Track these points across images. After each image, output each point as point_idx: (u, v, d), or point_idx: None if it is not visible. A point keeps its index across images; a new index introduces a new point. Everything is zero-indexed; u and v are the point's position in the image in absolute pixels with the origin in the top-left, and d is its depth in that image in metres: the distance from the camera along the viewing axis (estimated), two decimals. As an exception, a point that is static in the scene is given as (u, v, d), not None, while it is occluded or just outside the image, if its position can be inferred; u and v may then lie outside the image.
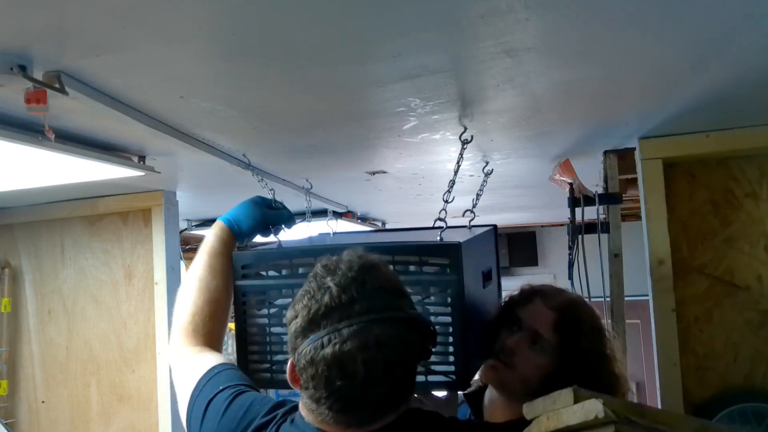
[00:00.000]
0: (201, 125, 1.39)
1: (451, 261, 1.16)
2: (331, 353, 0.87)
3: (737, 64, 1.17)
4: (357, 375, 0.87)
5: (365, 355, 0.87)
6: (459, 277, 1.15)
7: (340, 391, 0.89)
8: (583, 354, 1.19)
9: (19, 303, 2.35)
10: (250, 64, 1.04)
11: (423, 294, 1.18)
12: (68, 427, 2.27)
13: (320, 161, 1.87)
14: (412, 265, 1.18)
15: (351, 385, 0.88)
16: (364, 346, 0.87)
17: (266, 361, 1.30)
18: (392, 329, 0.89)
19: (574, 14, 0.89)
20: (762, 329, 1.69)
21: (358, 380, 0.88)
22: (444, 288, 1.16)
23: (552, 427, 0.90)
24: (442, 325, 1.16)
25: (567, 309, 1.25)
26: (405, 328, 0.91)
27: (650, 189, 1.73)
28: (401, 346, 0.90)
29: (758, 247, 1.71)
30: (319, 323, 0.90)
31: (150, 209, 2.21)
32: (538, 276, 5.11)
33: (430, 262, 1.18)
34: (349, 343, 0.87)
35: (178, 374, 1.21)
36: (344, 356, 0.87)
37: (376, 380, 0.89)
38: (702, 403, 1.69)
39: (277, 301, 1.29)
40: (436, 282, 1.17)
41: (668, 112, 1.50)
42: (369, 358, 0.87)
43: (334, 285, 0.91)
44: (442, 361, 1.17)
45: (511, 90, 1.23)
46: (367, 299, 0.90)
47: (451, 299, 1.16)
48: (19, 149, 1.25)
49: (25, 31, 0.86)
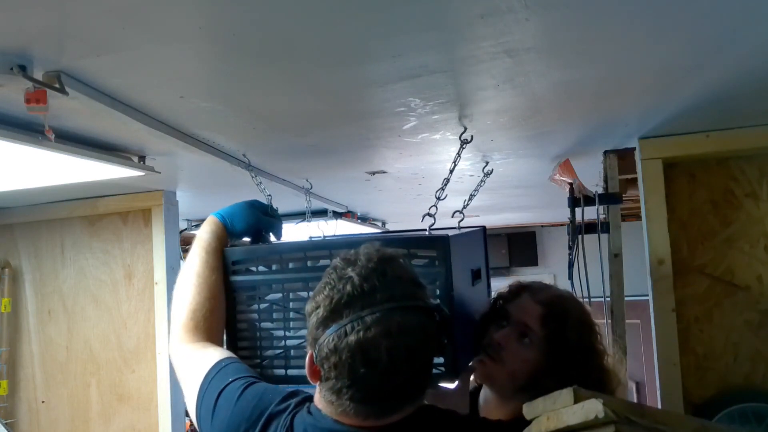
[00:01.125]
0: (201, 125, 1.39)
1: (439, 253, 1.18)
2: (355, 340, 0.88)
3: (737, 64, 1.17)
4: (380, 362, 0.88)
5: (388, 342, 0.88)
6: (447, 270, 1.17)
7: (363, 379, 0.90)
8: (571, 348, 1.20)
9: (19, 303, 2.35)
10: (250, 64, 1.04)
11: None
12: (68, 427, 2.27)
13: (320, 161, 1.87)
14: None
15: (373, 372, 0.89)
16: (387, 332, 0.88)
17: (256, 356, 1.31)
18: (413, 317, 0.91)
19: (574, 14, 0.89)
20: (762, 329, 1.69)
21: (381, 367, 0.88)
22: (432, 280, 1.17)
23: (552, 427, 0.90)
24: None
25: (554, 303, 1.26)
26: (425, 316, 0.93)
27: (650, 189, 1.73)
28: (422, 334, 0.92)
29: (758, 247, 1.71)
30: (342, 312, 0.91)
31: (150, 209, 2.21)
32: (538, 276, 5.11)
33: (419, 254, 1.19)
34: (373, 330, 0.88)
35: (183, 370, 1.21)
36: (368, 343, 0.88)
37: (397, 368, 0.90)
38: (702, 403, 1.69)
39: (267, 296, 1.30)
40: (425, 274, 1.17)
41: (668, 112, 1.50)
42: (392, 344, 0.88)
43: (356, 275, 0.93)
44: None
45: (511, 90, 1.23)
46: (388, 288, 0.92)
47: (440, 291, 1.17)
48: (19, 149, 1.25)
49: (25, 31, 0.86)
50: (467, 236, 1.40)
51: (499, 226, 5.15)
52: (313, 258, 1.27)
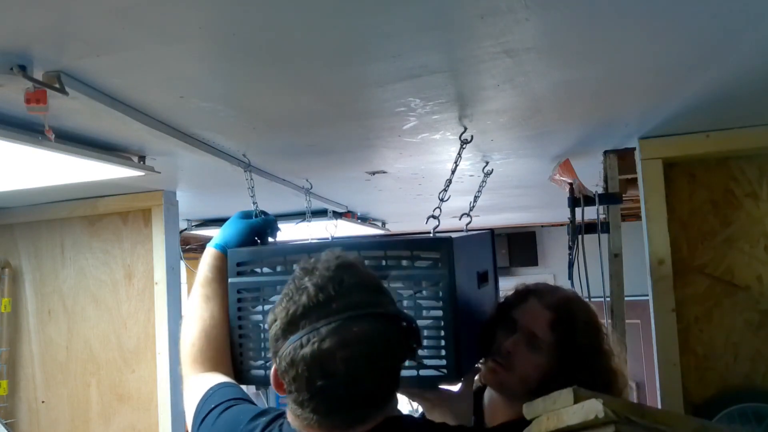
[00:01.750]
0: (201, 125, 1.39)
1: (442, 255, 1.17)
2: (310, 352, 0.87)
3: (737, 64, 1.17)
4: (338, 373, 0.87)
5: (344, 353, 0.86)
6: (450, 271, 1.17)
7: (323, 391, 0.88)
8: (580, 351, 1.19)
9: (19, 303, 2.35)
10: (250, 64, 1.04)
11: (415, 288, 1.19)
12: (68, 427, 2.27)
13: (320, 161, 1.87)
14: (405, 259, 1.20)
15: (333, 384, 0.88)
16: (343, 343, 0.86)
17: (261, 357, 1.31)
18: (371, 325, 0.89)
19: (574, 14, 0.89)
20: (762, 329, 1.69)
21: (340, 378, 0.87)
22: (436, 282, 1.17)
23: (552, 427, 0.90)
24: (434, 319, 1.18)
25: (562, 307, 1.25)
26: (385, 324, 0.91)
27: (650, 189, 1.73)
28: (381, 342, 0.90)
29: (758, 247, 1.71)
30: (298, 324, 0.89)
31: (150, 209, 2.21)
32: (538, 276, 5.11)
33: (422, 256, 1.19)
34: (328, 341, 0.86)
35: (185, 403, 1.23)
36: (323, 355, 0.86)
37: (357, 378, 0.88)
38: (702, 403, 1.69)
39: (271, 297, 1.30)
40: (428, 276, 1.18)
41: (668, 112, 1.50)
42: (348, 355, 0.86)
43: (312, 285, 0.91)
44: (434, 355, 1.18)
45: (511, 90, 1.23)
46: (345, 297, 0.90)
47: (443, 293, 1.17)
48: (19, 149, 1.25)
49: (25, 31, 0.86)
50: (472, 239, 1.40)
51: (499, 226, 5.15)
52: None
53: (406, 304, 1.19)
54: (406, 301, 1.19)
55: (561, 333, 1.21)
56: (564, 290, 1.34)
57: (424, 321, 1.18)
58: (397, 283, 1.20)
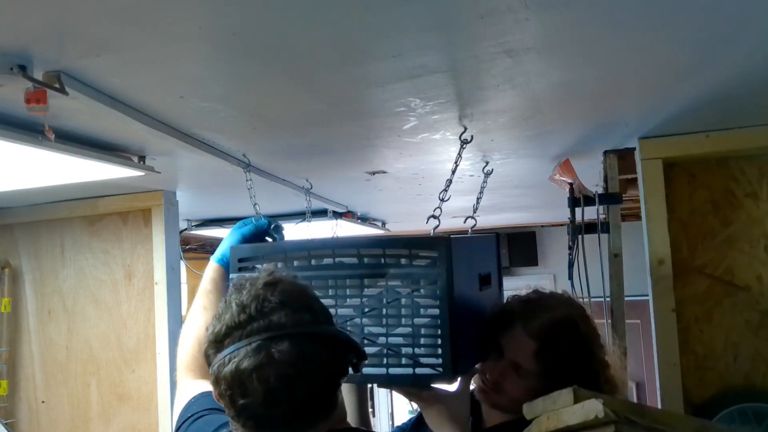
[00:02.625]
0: (201, 125, 1.39)
1: (440, 254, 1.18)
2: (230, 372, 0.88)
3: (737, 64, 1.17)
4: (256, 393, 0.87)
5: (261, 373, 0.87)
6: (448, 270, 1.17)
7: (245, 409, 0.89)
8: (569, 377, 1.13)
9: (19, 303, 2.35)
10: (250, 64, 1.04)
11: (413, 287, 1.20)
12: (68, 427, 2.27)
13: (320, 161, 1.87)
14: (403, 258, 1.21)
15: (253, 403, 0.88)
16: (260, 363, 0.87)
17: None
18: (291, 345, 0.88)
19: (574, 14, 0.89)
20: (762, 329, 1.69)
21: (259, 398, 0.88)
22: (433, 280, 1.18)
23: (552, 427, 0.90)
24: (431, 318, 1.18)
25: (547, 334, 1.22)
26: (309, 343, 0.90)
27: (650, 189, 1.73)
28: (301, 362, 0.89)
29: (758, 247, 1.71)
30: (223, 342, 0.91)
31: (150, 209, 2.21)
32: (538, 276, 5.11)
33: (420, 255, 1.20)
34: (246, 362, 0.87)
35: (174, 408, 1.25)
36: (242, 375, 0.87)
37: (277, 398, 0.88)
38: (702, 403, 1.69)
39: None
40: (426, 275, 1.18)
41: (668, 112, 1.50)
42: (265, 376, 0.87)
43: (236, 304, 0.92)
44: (431, 353, 1.18)
45: (511, 90, 1.23)
46: (266, 316, 0.90)
47: (440, 292, 1.17)
48: (19, 149, 1.25)
49: (25, 31, 0.86)
50: (474, 240, 1.40)
51: (499, 226, 5.14)
52: (318, 257, 1.27)
53: (404, 302, 1.20)
54: (404, 299, 1.20)
55: (547, 362, 1.20)
56: (553, 308, 1.28)
57: (421, 319, 1.19)
58: (395, 281, 1.20)
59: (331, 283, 1.25)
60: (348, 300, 1.24)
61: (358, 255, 1.24)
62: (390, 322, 1.21)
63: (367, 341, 1.21)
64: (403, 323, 1.21)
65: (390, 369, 1.21)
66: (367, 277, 1.22)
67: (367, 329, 1.22)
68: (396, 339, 1.21)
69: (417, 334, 1.19)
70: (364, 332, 1.22)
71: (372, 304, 1.22)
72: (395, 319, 1.21)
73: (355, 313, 1.23)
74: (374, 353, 1.21)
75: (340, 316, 1.24)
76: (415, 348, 1.20)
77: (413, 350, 1.20)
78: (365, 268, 1.23)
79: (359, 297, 1.23)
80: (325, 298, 1.23)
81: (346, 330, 0.99)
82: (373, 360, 1.21)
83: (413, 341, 1.20)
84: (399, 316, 1.21)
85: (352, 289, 1.24)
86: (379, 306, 1.22)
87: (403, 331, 1.21)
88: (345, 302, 1.24)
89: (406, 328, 1.20)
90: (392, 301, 1.21)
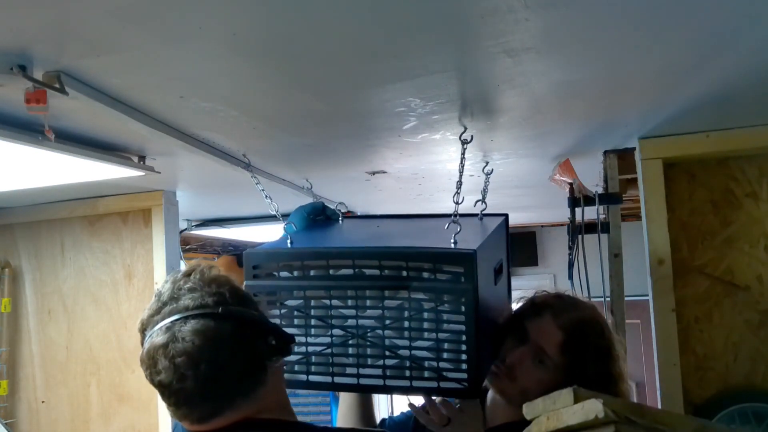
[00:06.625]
0: (201, 125, 1.39)
1: (465, 269, 1.15)
2: (145, 351, 0.98)
3: (737, 64, 1.17)
4: (167, 369, 0.95)
5: (167, 350, 0.95)
6: (473, 286, 1.14)
7: (161, 386, 0.97)
8: (588, 378, 1.14)
9: (19, 303, 2.35)
10: (250, 64, 1.04)
11: (437, 301, 1.17)
12: (68, 427, 2.27)
13: (320, 161, 1.87)
14: (426, 272, 1.17)
15: (166, 379, 0.96)
16: (166, 342, 0.96)
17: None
18: (192, 325, 0.96)
19: (574, 14, 0.89)
20: (762, 329, 1.69)
21: (170, 374, 0.95)
22: (458, 296, 1.15)
23: (552, 427, 0.90)
24: (455, 333, 1.16)
25: (576, 330, 1.23)
26: (211, 322, 0.97)
27: (650, 189, 1.73)
28: (201, 339, 0.95)
29: (758, 247, 1.71)
30: (146, 326, 1.01)
31: (150, 209, 2.21)
32: (538, 276, 5.11)
33: (444, 269, 1.16)
34: (156, 341, 0.96)
35: None
36: (154, 353, 0.96)
37: (183, 373, 0.95)
38: (702, 403, 1.69)
39: (287, 301, 1.28)
40: (450, 290, 1.15)
41: (668, 112, 1.50)
42: (171, 352, 0.95)
43: (155, 294, 1.02)
44: (455, 368, 1.16)
45: (511, 90, 1.23)
46: (176, 302, 0.99)
47: (465, 308, 1.15)
48: (19, 149, 1.25)
49: (25, 31, 0.86)
50: (491, 236, 1.36)
51: (499, 226, 5.15)
52: (336, 267, 1.24)
53: (426, 316, 1.17)
54: (427, 313, 1.17)
55: (570, 356, 1.20)
56: (582, 308, 1.30)
57: (444, 333, 1.16)
58: (418, 294, 1.17)
59: (351, 294, 1.22)
60: (368, 311, 1.21)
61: (379, 266, 1.20)
62: (412, 335, 1.19)
63: (389, 353, 1.19)
64: (426, 336, 1.18)
65: (413, 381, 1.19)
66: (388, 289, 1.19)
67: (388, 341, 1.20)
68: (419, 352, 1.19)
69: (440, 348, 1.17)
70: (386, 344, 1.20)
71: (393, 315, 1.19)
72: (417, 332, 1.18)
73: (377, 323, 1.20)
74: (396, 365, 1.19)
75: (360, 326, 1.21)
76: (439, 362, 1.17)
77: (437, 364, 1.17)
78: (386, 280, 1.19)
79: (380, 308, 1.20)
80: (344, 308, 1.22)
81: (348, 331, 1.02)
82: (394, 372, 1.20)
83: (437, 355, 1.17)
84: (421, 330, 1.18)
85: (372, 300, 1.21)
86: (401, 318, 1.19)
87: (424, 344, 1.18)
88: (365, 312, 1.21)
89: (428, 342, 1.18)
90: (415, 314, 1.18)
